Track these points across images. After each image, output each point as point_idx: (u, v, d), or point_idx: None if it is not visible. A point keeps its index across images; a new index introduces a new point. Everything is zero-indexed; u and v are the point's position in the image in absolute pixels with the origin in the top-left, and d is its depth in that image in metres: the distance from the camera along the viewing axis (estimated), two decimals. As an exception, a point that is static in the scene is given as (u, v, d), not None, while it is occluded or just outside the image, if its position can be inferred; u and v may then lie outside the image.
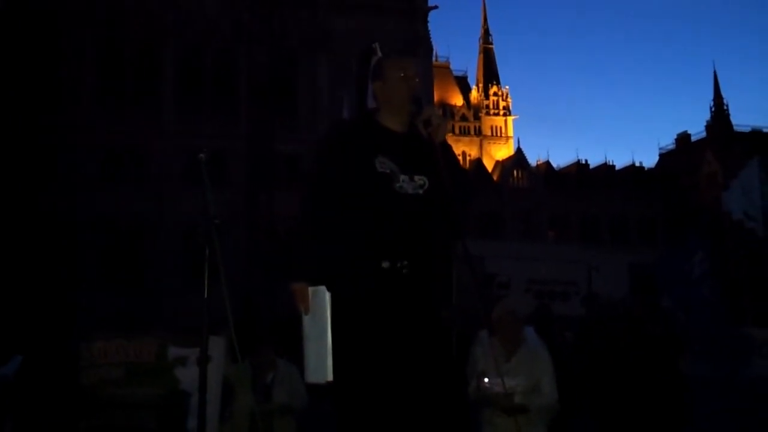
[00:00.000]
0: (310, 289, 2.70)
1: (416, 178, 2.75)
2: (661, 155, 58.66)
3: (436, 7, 37.93)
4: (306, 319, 2.72)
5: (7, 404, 6.79)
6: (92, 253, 29.91)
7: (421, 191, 2.75)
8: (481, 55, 71.39)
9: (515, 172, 50.28)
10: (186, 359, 4.64)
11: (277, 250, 27.63)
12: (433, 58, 42.56)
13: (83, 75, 31.73)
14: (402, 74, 2.85)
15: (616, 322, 6.99)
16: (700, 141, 55.97)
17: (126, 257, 30.53)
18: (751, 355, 10.42)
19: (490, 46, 72.37)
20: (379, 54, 2.97)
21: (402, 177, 2.73)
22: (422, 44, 36.28)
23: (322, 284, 2.68)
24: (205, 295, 3.69)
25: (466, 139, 63.02)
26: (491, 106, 66.98)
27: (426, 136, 2.74)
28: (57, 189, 29.08)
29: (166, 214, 30.77)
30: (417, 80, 2.89)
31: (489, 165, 56.90)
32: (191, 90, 32.98)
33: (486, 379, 4.41)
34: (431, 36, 37.81)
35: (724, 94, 59.25)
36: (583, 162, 54.27)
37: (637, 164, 55.61)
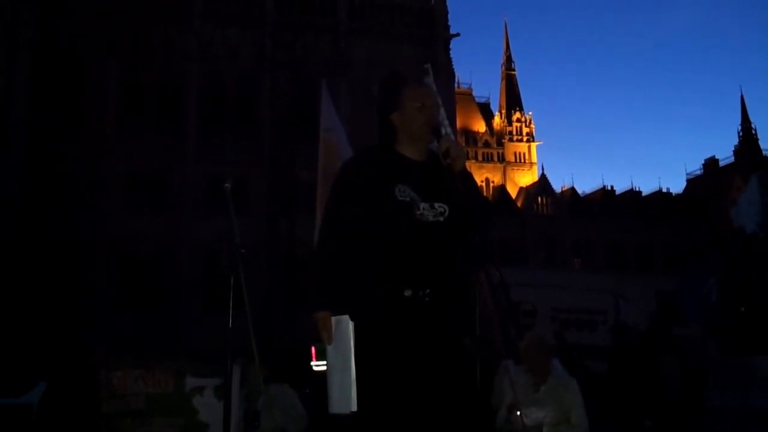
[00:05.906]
0: (333, 318, 2.67)
1: (436, 205, 2.73)
2: (688, 181, 58.12)
3: (457, 35, 38.21)
4: (329, 349, 2.69)
5: (33, 430, 6.82)
6: (113, 279, 30.13)
7: (441, 218, 2.73)
8: (504, 82, 71.67)
9: (539, 198, 49.96)
10: (203, 389, 4.61)
11: (298, 277, 27.64)
12: (456, 85, 42.73)
13: (106, 101, 32.24)
14: (420, 104, 2.83)
15: (635, 354, 6.85)
16: (728, 166, 55.37)
17: (146, 283, 30.63)
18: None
19: (513, 72, 72.66)
20: (431, 75, 2.98)
21: (422, 205, 2.72)
22: (444, 71, 36.40)
23: (344, 313, 2.65)
24: (230, 325, 3.66)
25: (490, 165, 62.93)
26: (514, 133, 66.99)
27: (445, 166, 2.72)
28: (79, 215, 29.46)
29: (187, 240, 30.93)
30: (436, 108, 2.87)
31: (513, 191, 56.62)
32: (213, 116, 33.32)
33: (518, 412, 4.34)
34: (453, 62, 38.01)
35: (752, 119, 59.14)
36: (609, 188, 53.77)
37: (664, 190, 55.19)
